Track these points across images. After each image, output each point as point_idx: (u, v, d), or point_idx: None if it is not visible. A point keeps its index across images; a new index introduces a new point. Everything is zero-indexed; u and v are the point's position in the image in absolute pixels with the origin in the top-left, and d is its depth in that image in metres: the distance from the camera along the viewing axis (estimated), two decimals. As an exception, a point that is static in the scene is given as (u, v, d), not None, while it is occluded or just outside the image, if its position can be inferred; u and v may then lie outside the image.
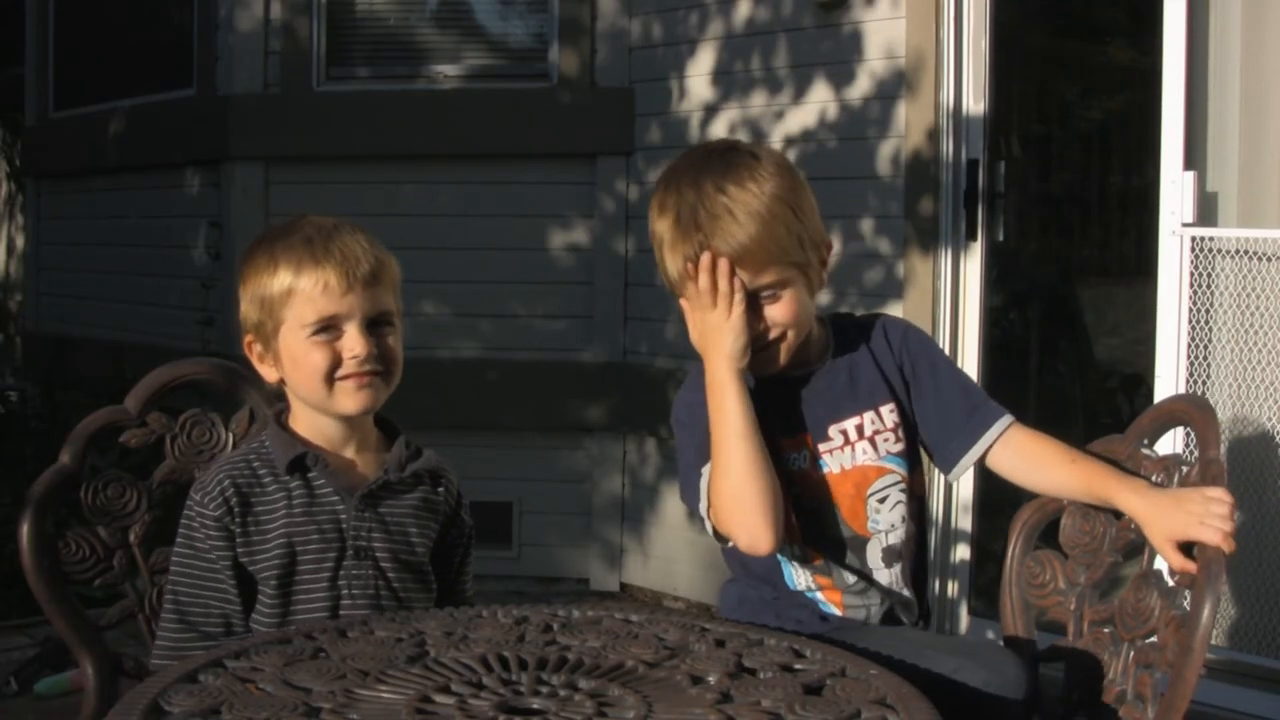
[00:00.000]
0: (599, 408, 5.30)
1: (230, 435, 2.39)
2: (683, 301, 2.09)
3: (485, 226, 5.38)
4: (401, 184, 5.47)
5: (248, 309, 2.13)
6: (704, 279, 2.02)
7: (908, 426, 2.20)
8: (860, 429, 2.16)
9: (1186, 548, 1.99)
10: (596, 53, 5.33)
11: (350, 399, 2.09)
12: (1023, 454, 2.17)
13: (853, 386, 2.17)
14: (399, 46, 5.59)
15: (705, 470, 2.07)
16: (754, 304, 2.05)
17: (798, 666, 1.71)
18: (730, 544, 2.09)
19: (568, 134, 5.34)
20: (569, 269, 5.36)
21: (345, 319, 2.07)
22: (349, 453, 2.14)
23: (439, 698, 1.56)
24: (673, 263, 2.07)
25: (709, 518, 2.08)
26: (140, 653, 2.27)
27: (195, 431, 2.38)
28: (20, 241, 9.81)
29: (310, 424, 2.13)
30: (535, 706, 1.55)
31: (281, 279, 2.07)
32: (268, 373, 2.16)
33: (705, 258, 2.02)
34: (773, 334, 2.08)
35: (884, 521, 2.16)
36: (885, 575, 2.18)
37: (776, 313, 2.07)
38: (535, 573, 5.39)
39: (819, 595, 2.18)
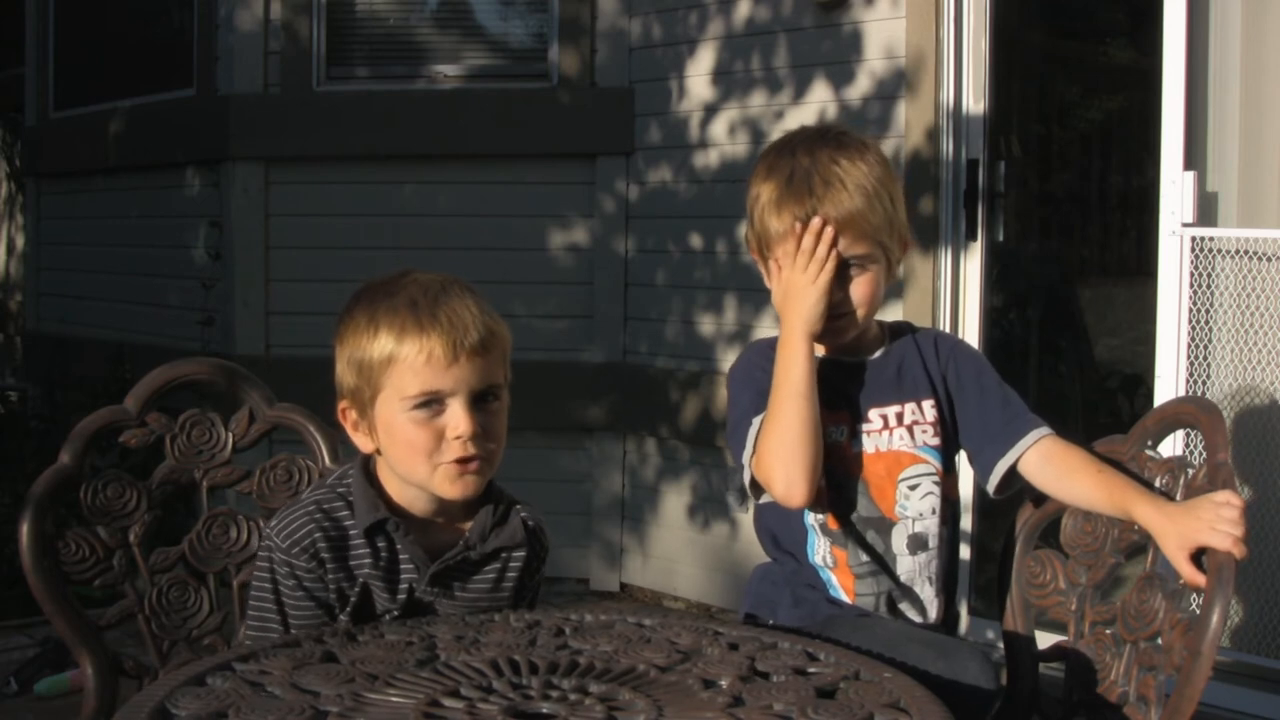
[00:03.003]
0: (599, 408, 5.29)
1: (230, 435, 2.39)
2: (771, 261, 2.21)
3: (485, 226, 5.37)
4: (401, 184, 5.46)
5: (343, 372, 1.98)
6: (808, 240, 2.14)
7: (945, 427, 2.25)
8: (900, 416, 2.24)
9: (1199, 558, 2.00)
10: (596, 53, 5.32)
11: (449, 486, 1.96)
12: (1053, 463, 2.21)
13: (898, 379, 2.26)
14: (399, 46, 5.58)
15: (756, 420, 2.17)
16: (839, 276, 2.17)
17: (811, 670, 1.71)
18: (762, 499, 2.20)
19: (568, 134, 5.33)
20: (569, 269, 5.36)
21: (449, 394, 1.93)
22: (435, 516, 2.03)
23: (448, 701, 1.56)
24: (777, 221, 2.18)
25: (749, 465, 2.18)
26: (140, 653, 2.27)
27: (195, 431, 2.37)
28: (20, 241, 9.81)
29: (399, 488, 2.01)
30: (545, 710, 1.55)
31: (382, 344, 1.93)
32: (362, 442, 2.01)
33: (815, 221, 2.14)
34: (846, 307, 2.19)
35: (913, 509, 2.22)
36: (908, 563, 2.21)
37: (856, 288, 2.19)
38: (535, 573, 5.38)
39: (831, 576, 2.22)
